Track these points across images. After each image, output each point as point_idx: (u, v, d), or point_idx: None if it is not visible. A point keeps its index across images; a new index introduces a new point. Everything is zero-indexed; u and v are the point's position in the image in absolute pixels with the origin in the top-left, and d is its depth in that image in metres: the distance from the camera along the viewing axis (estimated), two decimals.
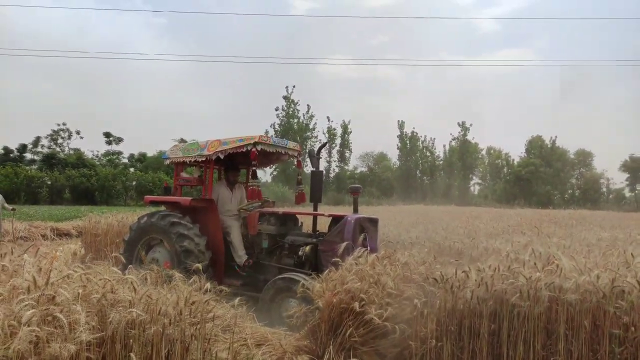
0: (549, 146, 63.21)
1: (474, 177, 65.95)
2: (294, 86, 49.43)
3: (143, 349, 2.78)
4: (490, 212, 18.95)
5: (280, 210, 6.15)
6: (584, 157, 64.72)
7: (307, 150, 6.33)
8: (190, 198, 5.98)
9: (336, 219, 5.63)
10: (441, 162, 63.28)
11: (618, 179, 64.88)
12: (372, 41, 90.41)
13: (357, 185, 5.88)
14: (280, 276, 5.12)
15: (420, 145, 62.50)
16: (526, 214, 17.70)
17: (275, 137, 6.32)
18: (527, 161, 61.51)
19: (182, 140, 49.21)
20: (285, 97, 49.08)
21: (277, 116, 48.71)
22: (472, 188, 65.57)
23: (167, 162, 6.34)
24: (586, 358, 3.30)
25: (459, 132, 62.06)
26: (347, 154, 55.85)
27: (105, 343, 2.68)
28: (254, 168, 6.00)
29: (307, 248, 5.50)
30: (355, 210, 5.70)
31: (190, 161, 6.12)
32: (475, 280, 3.60)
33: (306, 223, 6.73)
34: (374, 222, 5.76)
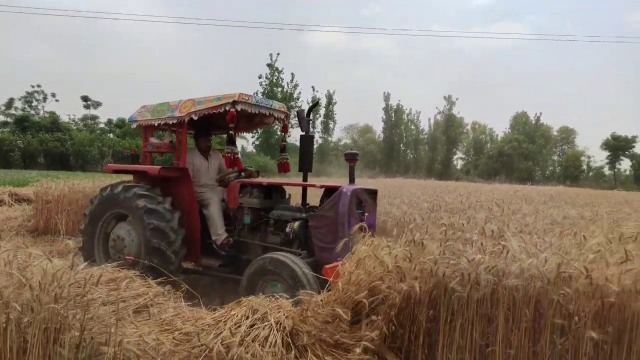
0: (533, 123, 63.40)
1: (458, 152, 66.13)
2: (278, 54, 48.23)
3: None
4: (467, 187, 18.79)
5: (265, 180, 5.43)
6: (567, 134, 65.20)
7: (296, 112, 5.46)
8: (159, 167, 5.16)
9: (329, 191, 4.85)
10: (426, 135, 63.17)
11: (599, 157, 65.71)
12: (364, 11, 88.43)
13: (353, 151, 4.95)
14: (264, 256, 4.38)
15: (406, 118, 62.18)
16: (502, 189, 17.59)
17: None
18: (510, 137, 61.76)
19: None
20: (269, 65, 47.90)
21: (261, 84, 47.64)
22: (455, 162, 65.83)
23: (134, 125, 5.56)
24: (525, 348, 3.03)
25: (445, 106, 61.83)
26: (331, 125, 55.30)
27: None
28: (231, 132, 5.02)
29: (296, 224, 4.79)
30: (352, 181, 4.85)
31: (160, 124, 5.35)
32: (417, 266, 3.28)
33: (295, 195, 6.00)
34: (372, 193, 5.02)
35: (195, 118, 5.01)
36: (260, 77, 47.94)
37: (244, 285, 4.29)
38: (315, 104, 6.04)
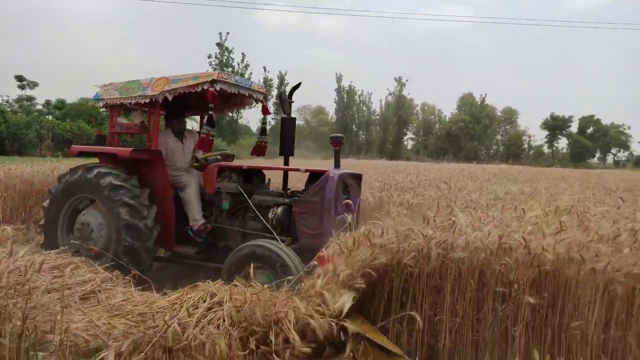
0: (478, 103, 65.63)
1: (408, 132, 67.50)
2: (227, 33, 46.87)
3: None
4: (417, 166, 19.29)
5: (245, 164, 5.21)
6: (510, 115, 68.01)
7: (279, 93, 5.37)
8: (131, 149, 4.87)
9: (314, 175, 4.71)
10: (377, 117, 63.98)
11: (539, 136, 69.31)
12: None
13: (339, 134, 4.82)
14: (249, 243, 4.17)
15: (358, 99, 62.61)
16: (450, 168, 18.21)
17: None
18: (457, 118, 63.71)
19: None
20: (218, 45, 46.55)
21: (210, 64, 46.26)
22: (405, 143, 67.23)
23: (100, 104, 5.19)
24: (470, 316, 3.20)
25: (395, 87, 62.68)
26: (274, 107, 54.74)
27: None
28: (210, 113, 4.75)
29: (279, 210, 4.63)
30: (337, 165, 4.72)
31: (130, 103, 5.02)
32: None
33: (274, 180, 5.78)
34: (357, 178, 4.95)
35: (170, 98, 4.73)
36: (209, 57, 46.55)
37: (227, 273, 4.04)
38: (297, 86, 5.55)
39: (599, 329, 2.86)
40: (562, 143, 67.64)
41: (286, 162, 5.25)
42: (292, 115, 5.24)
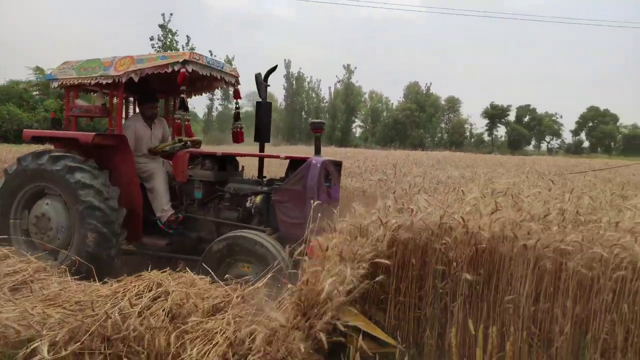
0: (424, 92, 67.47)
1: (357, 120, 68.38)
2: (171, 14, 44.96)
3: None
4: (364, 153, 19.60)
5: (220, 150, 4.91)
6: (453, 104, 70.49)
7: (254, 76, 4.95)
8: (94, 134, 4.49)
9: (295, 162, 4.52)
10: (326, 104, 64.27)
11: (480, 124, 72.39)
12: None
13: (319, 120, 4.65)
14: (230, 234, 3.94)
15: (307, 86, 62.55)
16: (396, 155, 18.65)
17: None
18: (404, 106, 65.23)
19: (38, 69, 42.82)
20: (161, 26, 44.61)
21: (153, 46, 44.33)
22: (354, 130, 68.07)
23: (55, 85, 4.78)
24: (412, 293, 3.32)
25: (344, 75, 63.11)
26: (230, 92, 53.65)
27: None
28: (182, 96, 4.50)
29: (258, 198, 4.41)
30: (317, 151, 4.52)
31: (90, 84, 4.67)
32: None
33: (249, 167, 5.50)
34: (338, 165, 4.80)
35: (136, 79, 4.40)
36: (152, 39, 44.49)
37: (205, 266, 3.75)
38: (273, 68, 5.27)
39: (530, 302, 3.05)
40: (501, 131, 71.16)
41: (262, 149, 5.03)
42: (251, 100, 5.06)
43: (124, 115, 5.15)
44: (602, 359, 2.86)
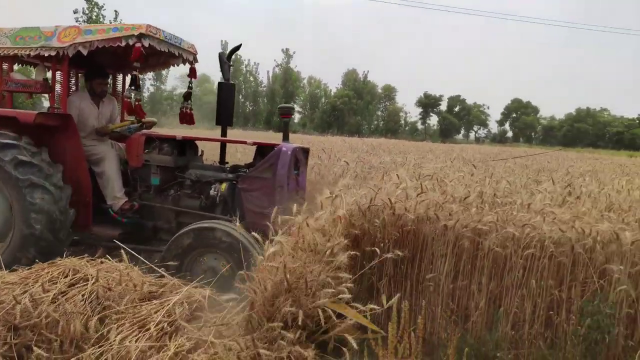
0: (361, 80, 68.52)
1: (295, 105, 68.20)
2: None
3: None
4: (302, 139, 19.61)
5: (179, 134, 4.52)
6: (389, 92, 72.26)
7: (218, 55, 4.62)
8: (37, 112, 4.02)
9: (262, 149, 4.33)
10: (264, 88, 63.50)
11: (414, 113, 74.94)
12: None
13: (288, 105, 4.47)
14: (197, 225, 3.64)
15: (244, 69, 61.35)
16: (333, 140, 18.87)
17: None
18: (342, 92, 65.90)
19: None
20: None
21: (77, 20, 41.36)
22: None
23: None
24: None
25: (283, 59, 62.56)
26: (163, 73, 51.47)
27: None
28: (135, 73, 4.08)
29: (223, 186, 4.18)
30: (286, 138, 4.34)
31: (28, 55, 4.17)
32: None
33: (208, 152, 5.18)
34: (306, 152, 4.60)
35: (85, 52, 3.99)
36: (75, 12, 41.51)
37: (167, 259, 3.51)
38: (237, 47, 4.93)
39: (449, 280, 3.22)
40: (434, 120, 74.12)
41: (224, 133, 4.74)
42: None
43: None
44: (513, 330, 3.08)
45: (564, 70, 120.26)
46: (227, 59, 4.71)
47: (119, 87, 5.36)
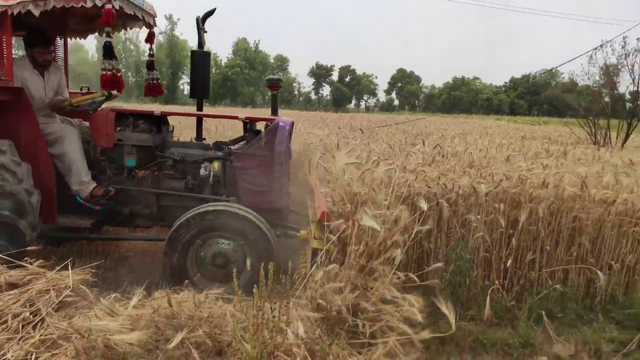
0: (253, 49, 67.14)
1: (184, 76, 64.90)
2: None
3: None
4: (192, 110, 18.96)
5: (157, 109, 4.05)
6: (282, 62, 71.92)
7: (195, 20, 4.15)
8: None
9: (253, 124, 4.06)
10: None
11: (307, 83, 75.65)
12: None
13: (276, 77, 4.22)
14: (202, 209, 3.34)
15: (123, 37, 56.52)
16: (225, 111, 18.47)
17: None
18: (233, 62, 64.08)
19: None
20: None
21: None
22: (182, 87, 64.62)
23: None
24: None
25: (167, 27, 58.73)
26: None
27: None
28: (109, 39, 3.59)
29: (216, 165, 3.84)
30: (274, 111, 4.12)
31: None
32: None
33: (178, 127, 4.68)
34: (292, 127, 4.34)
35: (36, 13, 3.36)
36: None
37: (172, 247, 3.30)
38: (211, 11, 4.42)
39: None
40: (327, 90, 75.64)
41: (200, 107, 4.39)
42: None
43: None
44: None
45: (444, 41, 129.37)
46: (202, 24, 4.30)
47: (60, 52, 4.66)
